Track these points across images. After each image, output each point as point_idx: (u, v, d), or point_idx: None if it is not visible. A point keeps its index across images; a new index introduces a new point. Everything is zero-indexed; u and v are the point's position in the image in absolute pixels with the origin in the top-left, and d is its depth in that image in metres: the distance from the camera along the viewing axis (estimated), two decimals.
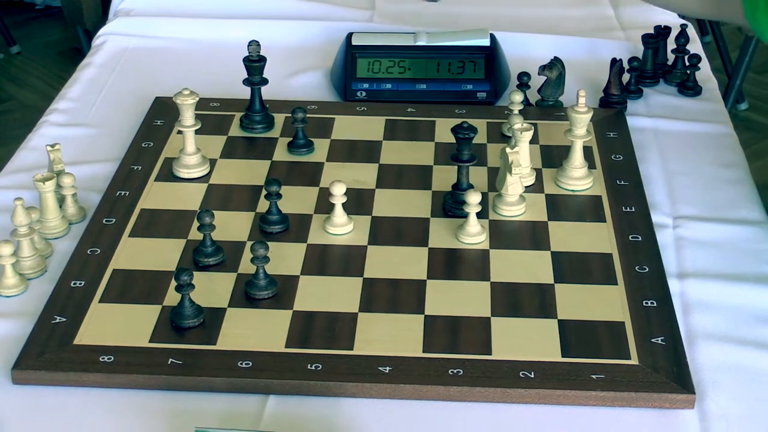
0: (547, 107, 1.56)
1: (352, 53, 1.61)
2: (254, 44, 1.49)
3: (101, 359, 1.08)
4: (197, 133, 1.40)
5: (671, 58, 1.66)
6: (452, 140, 1.32)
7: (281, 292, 1.18)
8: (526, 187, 1.35)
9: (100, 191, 1.36)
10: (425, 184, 1.38)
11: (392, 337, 1.12)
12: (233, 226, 1.29)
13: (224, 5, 1.85)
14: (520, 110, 1.45)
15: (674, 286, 1.21)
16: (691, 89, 1.63)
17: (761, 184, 1.44)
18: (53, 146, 1.35)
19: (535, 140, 1.44)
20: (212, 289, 1.18)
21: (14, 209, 1.21)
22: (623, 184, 1.38)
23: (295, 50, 1.75)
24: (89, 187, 1.38)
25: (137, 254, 1.24)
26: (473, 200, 1.25)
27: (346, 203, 1.28)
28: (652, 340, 1.11)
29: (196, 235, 1.25)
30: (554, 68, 1.55)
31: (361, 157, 1.44)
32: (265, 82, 1.50)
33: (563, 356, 1.09)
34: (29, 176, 1.34)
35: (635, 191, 1.36)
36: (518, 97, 1.45)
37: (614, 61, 1.57)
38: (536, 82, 1.57)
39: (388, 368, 1.07)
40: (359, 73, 1.60)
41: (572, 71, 1.61)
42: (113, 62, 1.73)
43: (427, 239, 1.27)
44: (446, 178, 1.37)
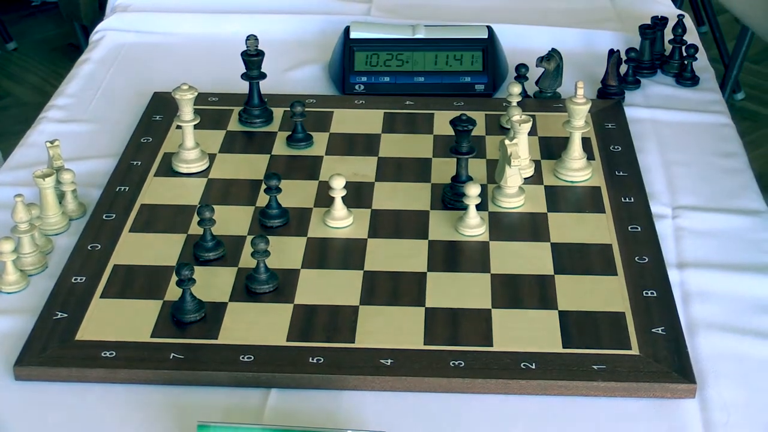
0: (545, 99, 1.56)
1: (350, 46, 1.61)
2: (252, 39, 1.49)
3: (103, 355, 1.08)
4: (196, 127, 1.40)
5: (668, 48, 1.66)
6: (451, 132, 1.32)
7: (282, 285, 1.18)
8: (525, 178, 1.35)
9: (99, 187, 1.37)
10: (424, 176, 1.38)
11: (393, 329, 1.12)
12: (233, 220, 1.29)
13: (221, 0, 1.85)
14: (518, 102, 1.45)
15: (674, 276, 1.21)
16: (688, 79, 1.63)
17: (758, 173, 1.44)
18: (52, 142, 1.35)
19: (533, 132, 1.44)
20: (213, 283, 1.18)
21: (14, 206, 1.21)
22: (622, 174, 1.38)
23: (293, 44, 1.75)
24: (89, 182, 1.38)
25: (138, 249, 1.24)
26: (473, 192, 1.25)
27: (345, 196, 1.28)
28: (652, 330, 1.11)
29: (196, 229, 1.25)
30: (552, 60, 1.55)
31: (360, 150, 1.44)
32: (263, 76, 1.50)
33: (564, 347, 1.09)
34: (29, 173, 1.34)
35: (634, 182, 1.36)
36: (516, 89, 1.45)
37: (612, 52, 1.57)
38: (534, 73, 1.57)
39: (389, 361, 1.07)
40: (357, 66, 1.60)
41: (570, 63, 1.61)
42: (111, 58, 1.73)
43: (426, 232, 1.27)
44: (445, 170, 1.37)
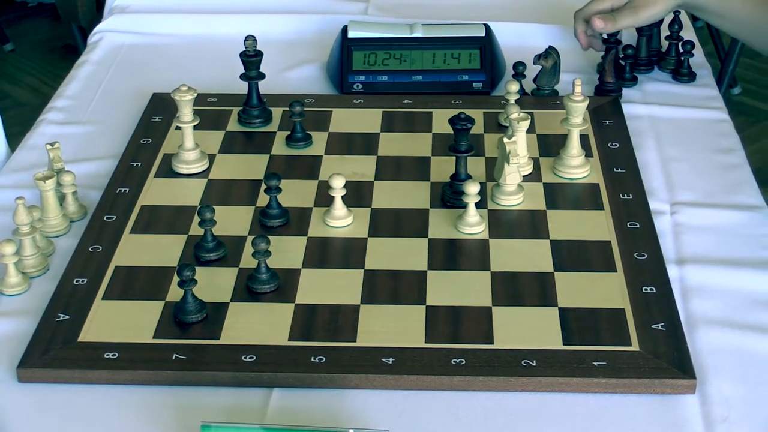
0: (543, 96, 1.56)
1: (348, 46, 1.61)
2: (251, 39, 1.49)
3: (106, 356, 1.09)
4: (196, 128, 1.40)
5: (665, 45, 1.67)
6: (449, 131, 1.32)
7: (283, 285, 1.18)
8: (524, 176, 1.36)
9: (100, 188, 1.37)
10: (424, 175, 1.38)
11: (394, 328, 1.12)
12: (234, 220, 1.29)
13: (219, 0, 1.85)
14: (516, 100, 1.45)
15: (673, 271, 1.22)
16: (685, 75, 1.63)
17: (755, 168, 1.44)
18: (52, 144, 1.35)
19: (531, 129, 1.44)
20: (214, 284, 1.19)
21: (15, 208, 1.21)
22: (620, 171, 1.38)
23: (291, 44, 1.75)
24: (89, 184, 1.39)
25: (139, 251, 1.25)
26: (472, 190, 1.26)
27: (345, 196, 1.29)
28: (652, 326, 1.12)
29: (197, 230, 1.26)
30: (549, 57, 1.55)
31: (359, 149, 1.44)
32: (262, 76, 1.50)
33: (564, 344, 1.10)
34: (29, 175, 1.34)
35: (632, 178, 1.37)
36: (514, 86, 1.46)
37: (609, 49, 1.58)
38: (532, 71, 1.57)
39: (391, 359, 1.08)
40: (355, 65, 1.60)
41: (567, 60, 1.62)
42: (110, 59, 1.73)
43: (426, 230, 1.28)
44: (444, 168, 1.37)
